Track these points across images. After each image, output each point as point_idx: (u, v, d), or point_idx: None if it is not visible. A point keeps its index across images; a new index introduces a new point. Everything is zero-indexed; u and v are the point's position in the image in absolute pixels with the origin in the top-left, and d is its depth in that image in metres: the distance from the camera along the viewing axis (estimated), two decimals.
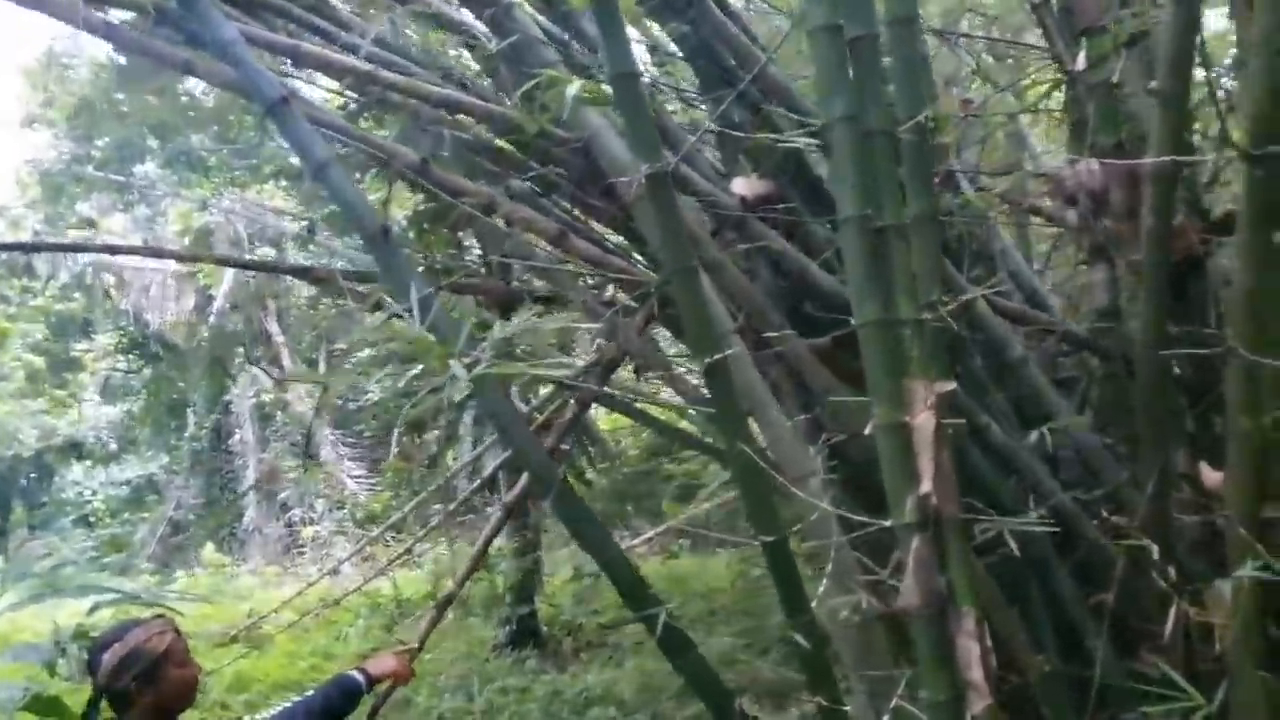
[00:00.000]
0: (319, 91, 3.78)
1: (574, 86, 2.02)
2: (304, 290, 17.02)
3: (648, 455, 12.35)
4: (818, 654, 1.99)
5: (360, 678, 2.29)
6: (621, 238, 3.04)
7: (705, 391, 2.50)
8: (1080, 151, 2.80)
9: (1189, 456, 2.49)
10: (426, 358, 1.98)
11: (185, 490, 16.93)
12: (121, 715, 2.01)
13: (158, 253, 4.27)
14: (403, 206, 3.77)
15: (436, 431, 12.21)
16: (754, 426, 2.38)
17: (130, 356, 18.59)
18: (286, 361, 16.72)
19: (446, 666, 6.77)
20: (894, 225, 1.81)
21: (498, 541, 10.64)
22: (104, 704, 2.03)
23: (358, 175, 3.06)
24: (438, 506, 10.33)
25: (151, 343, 17.64)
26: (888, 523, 1.78)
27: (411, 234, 3.03)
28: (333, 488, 15.42)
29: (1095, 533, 2.50)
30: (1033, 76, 3.63)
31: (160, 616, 2.13)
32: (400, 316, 2.10)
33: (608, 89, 2.03)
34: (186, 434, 17.27)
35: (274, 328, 16.97)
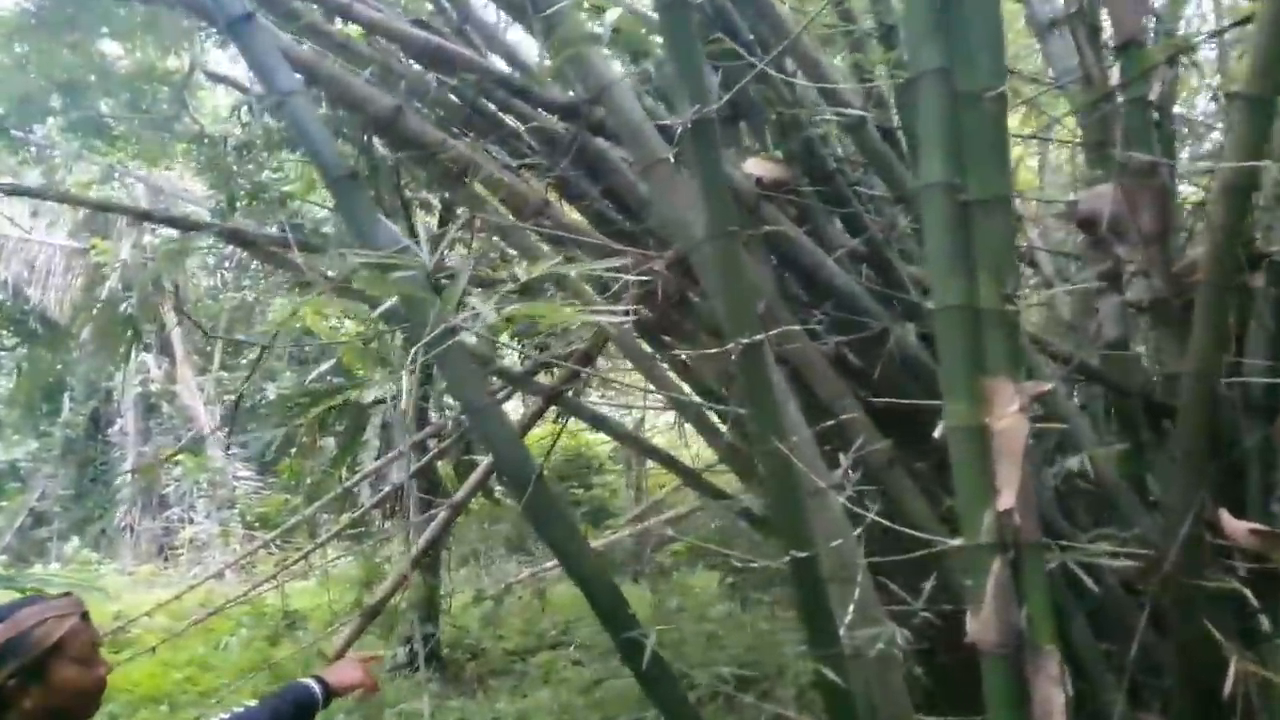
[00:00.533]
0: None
1: (613, 13, 1.73)
2: (205, 279, 16.13)
3: (557, 478, 12.00)
4: (844, 697, 1.71)
5: (316, 688, 1.84)
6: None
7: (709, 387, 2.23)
8: (1103, 173, 2.65)
9: (1212, 503, 2.34)
10: (415, 311, 1.63)
11: (53, 480, 15.68)
12: None
13: (63, 198, 3.79)
14: None
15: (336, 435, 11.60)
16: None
17: (5, 333, 17.21)
18: (179, 352, 15.75)
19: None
20: (981, 200, 1.57)
21: (395, 555, 10.09)
22: None
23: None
24: (329, 516, 9.75)
25: (31, 319, 16.38)
26: (957, 542, 1.52)
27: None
28: (217, 488, 14.50)
29: (1112, 579, 2.31)
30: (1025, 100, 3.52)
31: (68, 595, 1.65)
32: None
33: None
34: (60, 419, 16.03)
35: (170, 315, 15.98)
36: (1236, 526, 2.25)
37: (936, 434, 1.58)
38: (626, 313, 1.80)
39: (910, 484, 2.31)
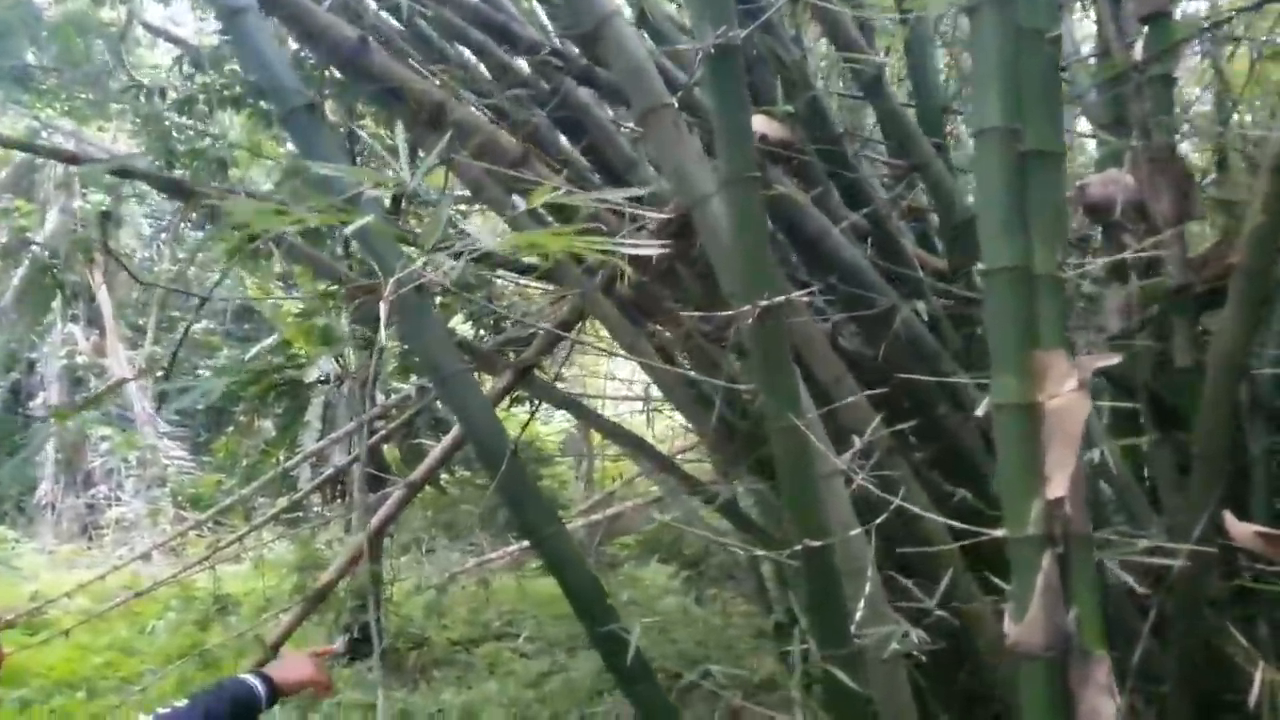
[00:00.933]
0: None
1: None
2: (139, 249, 15.46)
3: None
4: (855, 702, 1.53)
5: (260, 687, 1.56)
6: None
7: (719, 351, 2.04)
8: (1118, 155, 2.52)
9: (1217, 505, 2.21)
10: (381, 256, 1.40)
11: None
12: None
13: None
14: None
15: (276, 416, 11.18)
16: None
17: None
18: (109, 324, 15.10)
19: None
20: (1039, 151, 1.40)
21: (335, 540, 9.74)
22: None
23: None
24: (265, 499, 9.36)
25: None
26: (999, 532, 1.35)
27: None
28: (147, 466, 13.92)
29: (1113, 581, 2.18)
30: None
31: None
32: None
33: None
34: None
35: (99, 284, 15.33)
36: (1242, 529, 2.13)
37: (980, 410, 1.41)
38: (661, 246, 1.58)
39: (914, 474, 2.15)
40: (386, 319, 1.84)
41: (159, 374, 15.15)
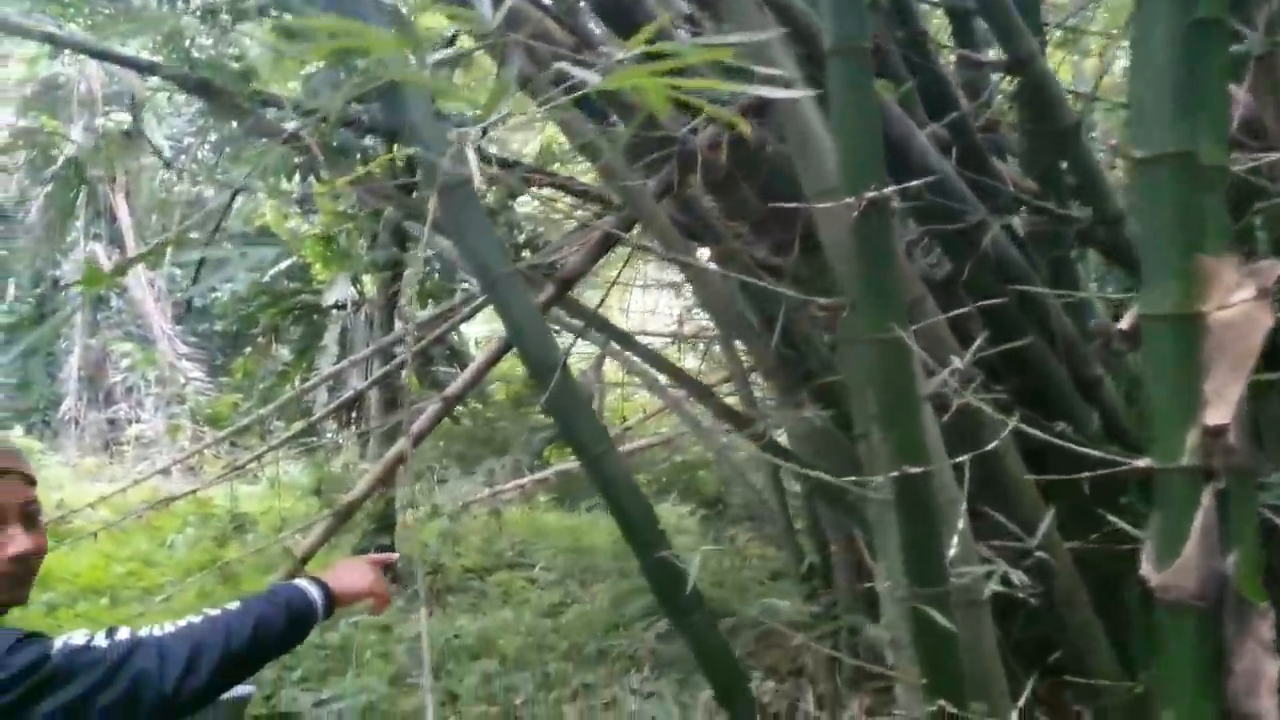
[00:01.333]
0: None
1: None
2: (159, 171, 15.22)
3: (514, 403, 11.62)
4: (946, 642, 1.37)
5: (317, 597, 1.35)
6: None
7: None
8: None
9: None
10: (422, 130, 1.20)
11: None
12: None
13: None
14: None
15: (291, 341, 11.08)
16: None
17: None
18: (130, 243, 14.98)
19: None
20: (1208, 21, 1.18)
21: (352, 463, 9.69)
22: None
23: None
24: (280, 422, 9.29)
25: None
26: (1142, 462, 1.17)
27: None
28: (165, 385, 13.93)
29: None
30: None
31: (6, 445, 1.27)
32: None
33: None
34: (3, 307, 15.27)
35: (121, 204, 15.20)
36: None
37: (1124, 324, 1.22)
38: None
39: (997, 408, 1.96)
40: (434, 214, 1.65)
41: (179, 296, 15.09)
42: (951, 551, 1.42)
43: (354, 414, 9.99)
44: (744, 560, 6.63)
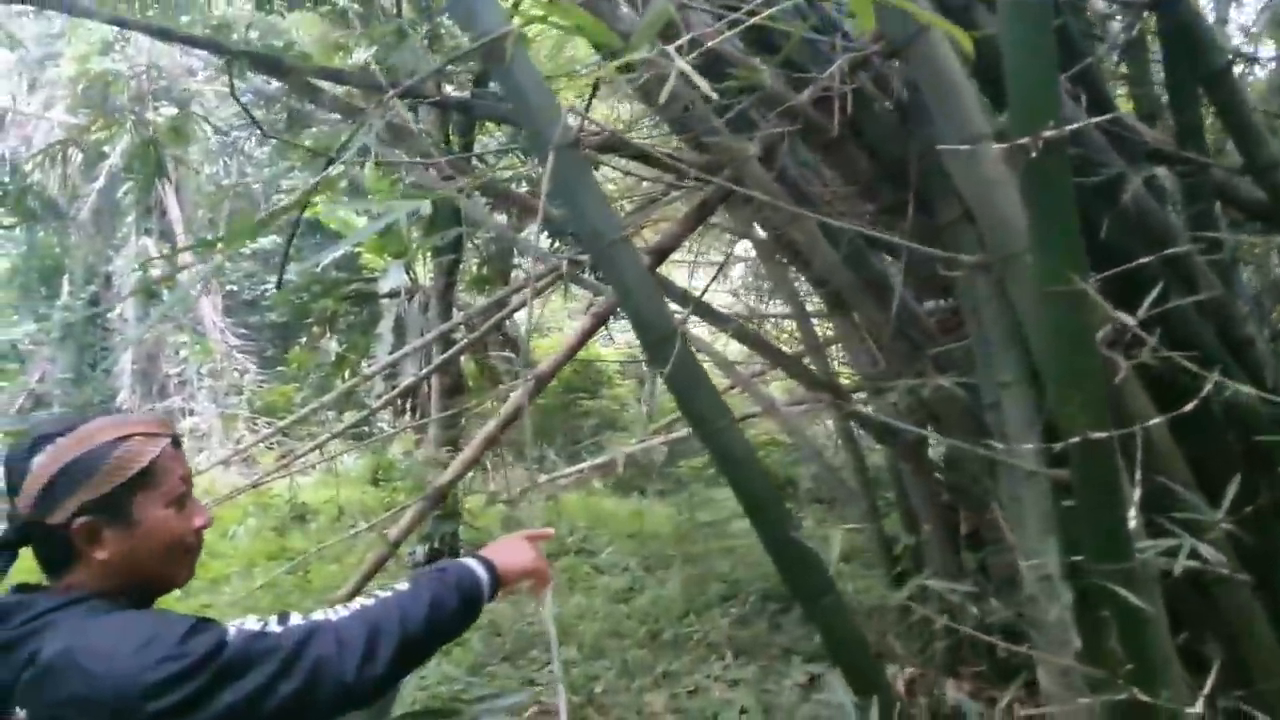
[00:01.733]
0: None
1: None
2: (205, 165, 15.39)
3: (564, 389, 11.62)
4: (1147, 624, 1.25)
5: (484, 576, 1.27)
6: None
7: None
8: None
9: None
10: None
11: (52, 364, 15.28)
12: (55, 576, 1.09)
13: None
14: None
15: (341, 332, 11.12)
16: None
17: (1, 210, 16.53)
18: (180, 238, 15.18)
19: (343, 584, 5.85)
20: None
21: (406, 452, 9.69)
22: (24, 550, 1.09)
23: None
24: (332, 412, 9.32)
25: (29, 197, 15.72)
26: None
27: None
28: (220, 377, 14.12)
29: None
30: None
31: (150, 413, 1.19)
32: None
33: None
34: (59, 303, 15.55)
35: (171, 200, 15.42)
36: None
37: None
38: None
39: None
40: (547, 179, 1.55)
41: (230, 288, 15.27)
42: (1131, 524, 1.30)
43: (410, 403, 10.00)
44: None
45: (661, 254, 2.25)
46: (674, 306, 1.87)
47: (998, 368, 1.91)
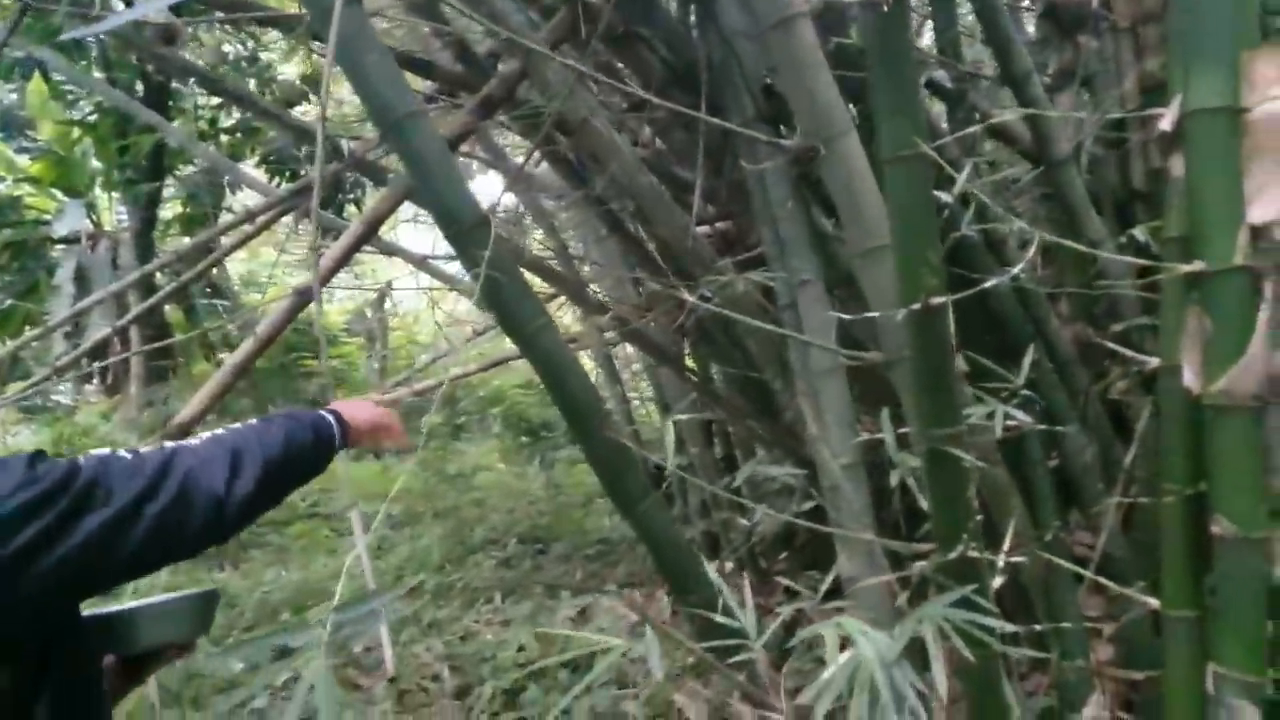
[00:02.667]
0: None
1: None
2: None
3: (285, 349, 10.86)
4: (960, 478, 1.30)
5: (333, 420, 1.23)
6: None
7: None
8: None
9: None
10: None
11: None
12: None
13: None
14: None
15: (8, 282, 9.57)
16: None
17: None
18: None
19: None
20: None
21: (98, 415, 8.54)
22: None
23: None
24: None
25: None
26: (1195, 266, 1.13)
27: None
28: None
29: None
30: None
31: None
32: None
33: None
34: None
35: None
36: None
37: (1166, 124, 1.17)
38: None
39: None
40: (331, 42, 1.33)
41: None
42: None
43: (103, 366, 8.78)
44: (557, 489, 6.52)
45: (487, 106, 2.07)
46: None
47: (795, 268, 1.93)
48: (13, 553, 0.84)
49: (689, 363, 3.11)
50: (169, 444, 1.02)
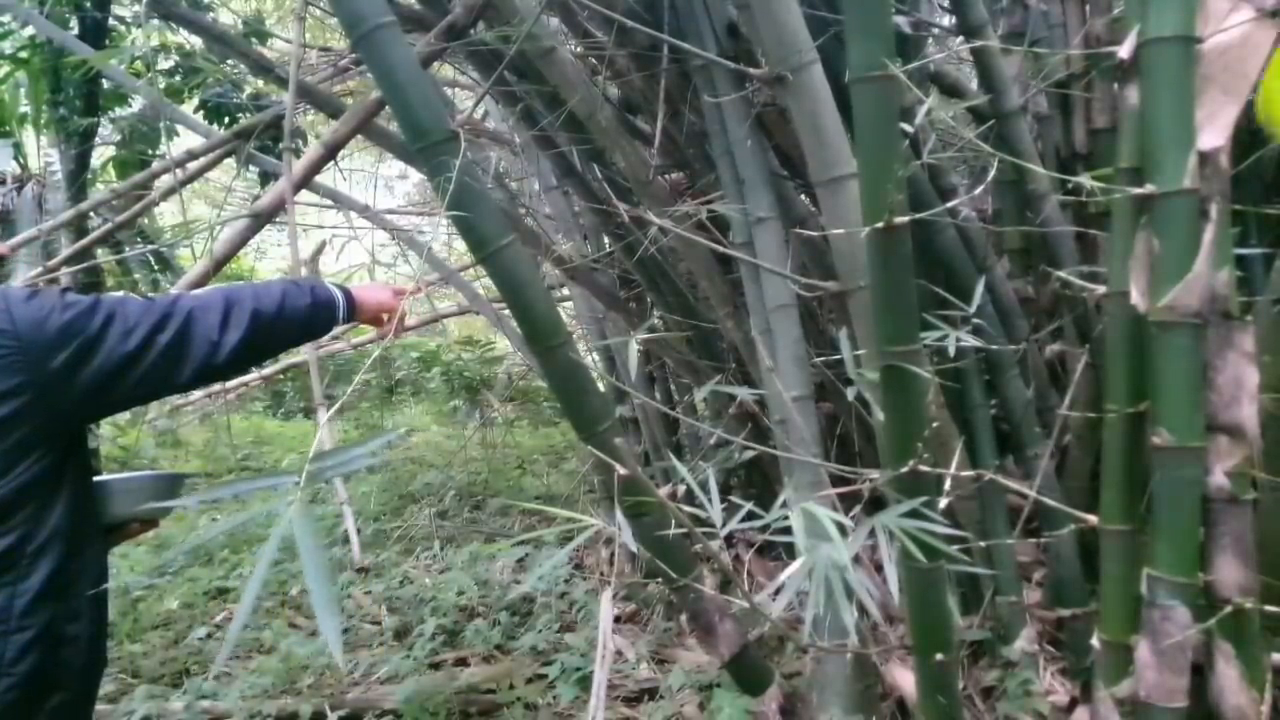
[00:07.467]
0: None
1: None
2: None
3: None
4: (916, 397, 1.33)
5: (338, 293, 1.36)
6: None
7: None
8: None
9: None
10: None
11: None
12: None
13: None
14: None
15: None
16: None
17: None
18: None
19: None
20: None
21: None
22: None
23: None
24: None
25: None
26: (1147, 189, 1.17)
27: None
28: None
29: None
30: None
31: None
32: None
33: None
34: None
35: None
36: None
37: (1124, 52, 1.21)
38: None
39: None
40: None
41: None
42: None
43: None
44: (490, 448, 6.49)
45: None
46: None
47: (753, 205, 1.96)
48: (58, 367, 1.02)
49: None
50: (174, 291, 1.16)
